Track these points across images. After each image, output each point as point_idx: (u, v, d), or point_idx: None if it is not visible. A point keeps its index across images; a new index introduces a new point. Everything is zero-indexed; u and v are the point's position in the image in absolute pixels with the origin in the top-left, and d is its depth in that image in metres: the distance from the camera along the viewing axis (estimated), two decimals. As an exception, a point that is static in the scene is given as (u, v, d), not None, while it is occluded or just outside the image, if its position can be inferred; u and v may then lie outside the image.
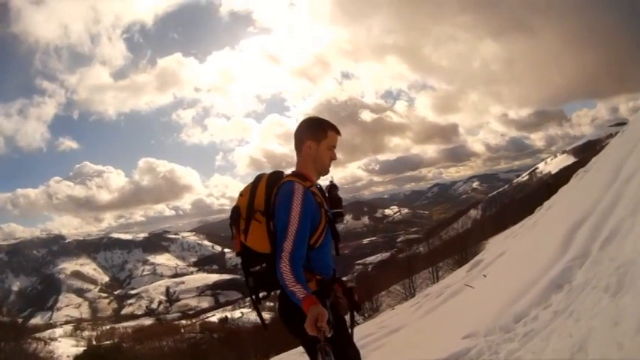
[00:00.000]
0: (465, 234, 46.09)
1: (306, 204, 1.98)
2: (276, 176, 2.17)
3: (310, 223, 2.00)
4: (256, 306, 2.24)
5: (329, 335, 1.64)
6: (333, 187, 2.35)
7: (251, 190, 2.15)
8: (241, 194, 2.19)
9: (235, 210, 2.15)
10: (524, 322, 3.30)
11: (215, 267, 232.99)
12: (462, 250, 33.65)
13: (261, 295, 2.20)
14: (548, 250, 4.78)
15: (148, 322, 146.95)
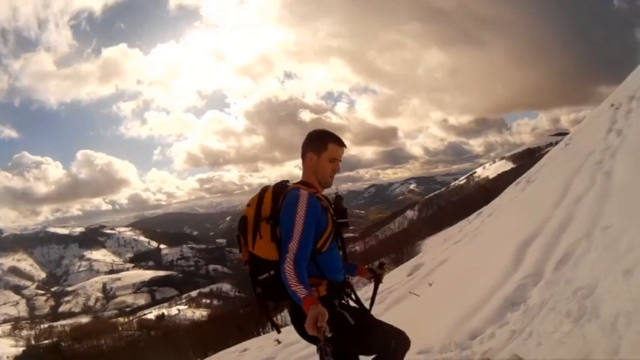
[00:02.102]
0: (401, 234, 47.95)
1: (311, 207, 2.11)
2: (282, 186, 2.28)
3: (316, 227, 2.13)
4: (268, 315, 2.40)
5: (329, 335, 1.69)
6: (338, 198, 2.49)
7: (258, 200, 2.27)
8: (248, 205, 2.30)
9: (243, 220, 2.28)
10: (480, 340, 3.43)
11: (151, 263, 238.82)
12: (398, 249, 34.92)
13: (270, 307, 2.30)
14: (497, 264, 4.98)
15: (85, 319, 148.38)
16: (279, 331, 2.72)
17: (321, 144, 2.30)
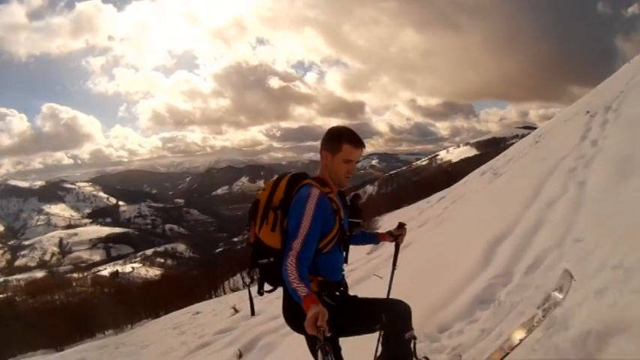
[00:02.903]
0: (360, 208, 48.70)
1: (320, 208, 2.17)
2: (298, 178, 2.34)
3: (322, 228, 2.19)
4: (251, 297, 2.51)
5: (328, 335, 1.72)
6: (355, 196, 2.61)
7: (272, 186, 2.34)
8: (263, 189, 2.38)
9: (255, 203, 2.36)
10: (449, 334, 3.65)
11: (109, 220, 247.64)
12: (355, 223, 35.74)
13: (265, 288, 2.39)
14: (467, 258, 5.18)
15: (40, 274, 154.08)
16: (253, 314, 2.77)
17: (336, 144, 2.30)
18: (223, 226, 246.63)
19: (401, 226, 3.06)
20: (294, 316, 2.29)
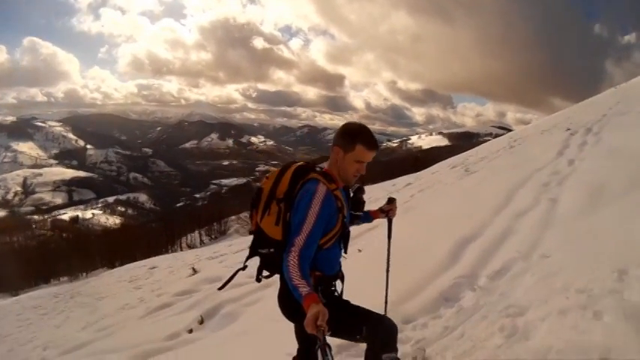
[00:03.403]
0: (325, 178, 49.40)
1: (325, 206, 2.15)
2: (304, 170, 2.31)
3: (325, 226, 2.18)
4: (257, 278, 2.46)
5: (328, 334, 1.73)
6: (359, 189, 2.60)
7: (276, 176, 2.31)
8: (267, 177, 2.37)
9: (258, 191, 2.35)
10: (413, 326, 3.88)
11: (75, 162, 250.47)
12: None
13: (264, 274, 2.43)
14: (433, 254, 5.39)
15: (1, 213, 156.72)
16: (222, 288, 2.66)
17: (349, 143, 2.27)
18: (187, 181, 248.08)
19: (391, 202, 3.12)
20: (288, 304, 2.35)
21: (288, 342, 2.81)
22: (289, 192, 2.23)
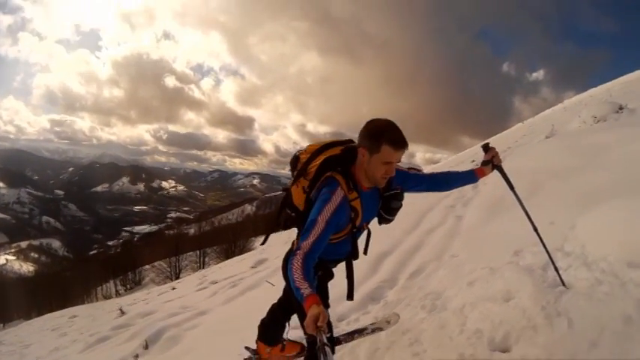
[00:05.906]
0: (237, 226, 49.23)
1: (336, 216, 2.19)
2: (333, 163, 2.33)
3: (334, 230, 2.24)
4: (277, 221, 2.66)
5: (328, 335, 1.76)
6: (395, 196, 2.50)
7: (310, 156, 2.43)
8: (306, 151, 2.50)
9: (296, 159, 2.55)
10: (347, 322, 4.36)
11: None
12: (232, 241, 36.40)
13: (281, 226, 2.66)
14: (355, 269, 6.05)
15: None
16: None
17: (374, 144, 2.16)
18: (99, 227, 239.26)
19: (487, 147, 2.98)
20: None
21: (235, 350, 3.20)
22: (313, 181, 2.32)
